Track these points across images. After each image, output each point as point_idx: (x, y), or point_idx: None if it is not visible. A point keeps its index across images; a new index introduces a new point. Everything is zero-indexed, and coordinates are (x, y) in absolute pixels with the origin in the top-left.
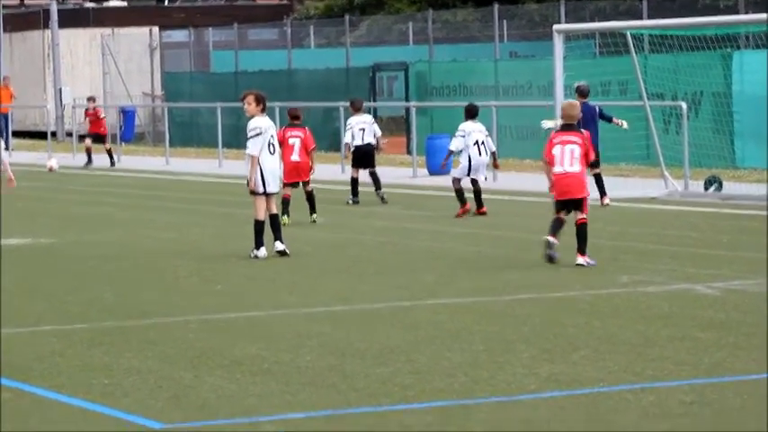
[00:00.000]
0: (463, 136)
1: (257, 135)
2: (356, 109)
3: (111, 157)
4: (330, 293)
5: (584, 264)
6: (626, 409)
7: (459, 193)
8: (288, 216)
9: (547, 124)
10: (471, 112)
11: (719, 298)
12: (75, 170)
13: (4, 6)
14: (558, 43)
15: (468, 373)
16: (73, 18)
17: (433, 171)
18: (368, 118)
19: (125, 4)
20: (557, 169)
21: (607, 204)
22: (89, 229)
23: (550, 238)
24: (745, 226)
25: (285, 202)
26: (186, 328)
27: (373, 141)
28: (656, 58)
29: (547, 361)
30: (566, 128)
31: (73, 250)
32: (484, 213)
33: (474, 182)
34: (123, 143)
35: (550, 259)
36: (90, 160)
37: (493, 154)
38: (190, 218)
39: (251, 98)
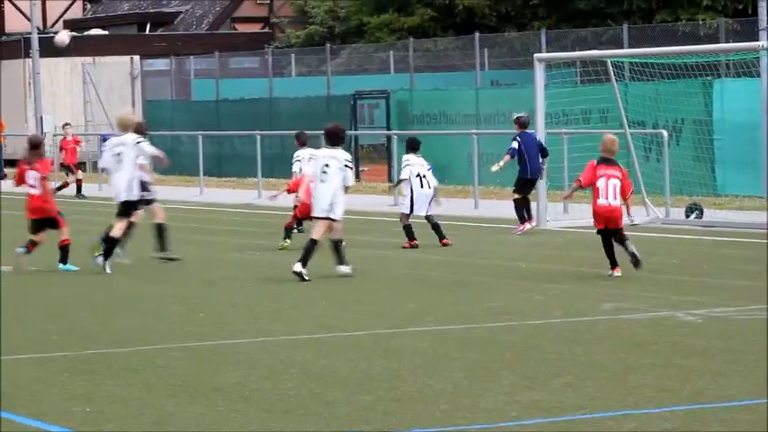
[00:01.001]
0: (409, 165)
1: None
2: (301, 143)
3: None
4: (312, 321)
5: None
6: None
7: (408, 228)
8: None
9: (494, 168)
10: (412, 146)
11: (701, 325)
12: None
13: None
14: (540, 72)
15: (450, 400)
16: (54, 47)
17: None
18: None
19: (106, 32)
20: (601, 201)
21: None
22: (70, 257)
23: (615, 273)
24: (727, 253)
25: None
26: (168, 356)
27: None
28: (637, 86)
29: (528, 388)
30: (607, 161)
31: (54, 278)
32: (447, 245)
33: (427, 218)
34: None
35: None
36: (80, 191)
37: (435, 189)
38: (171, 245)
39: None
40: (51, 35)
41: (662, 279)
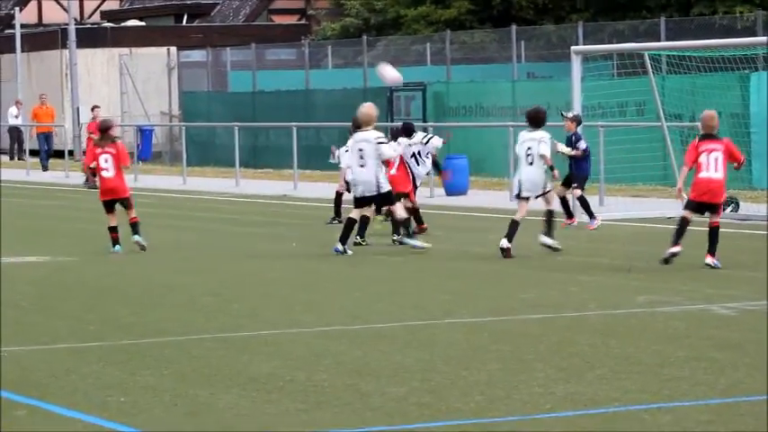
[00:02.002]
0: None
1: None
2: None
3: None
4: (346, 312)
5: (712, 264)
6: (642, 428)
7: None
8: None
9: (564, 150)
10: (408, 131)
11: (736, 318)
12: (87, 189)
13: (22, 26)
14: (576, 64)
15: (485, 392)
16: (91, 38)
17: (451, 191)
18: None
19: (143, 23)
20: (702, 174)
21: (596, 227)
22: (105, 247)
23: (675, 249)
24: (762, 247)
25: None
26: (202, 346)
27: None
28: (674, 79)
29: (563, 380)
30: (708, 137)
31: (90, 268)
32: (424, 230)
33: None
34: (140, 162)
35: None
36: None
37: (435, 161)
38: (206, 237)
39: None
40: (89, 26)
41: (697, 272)
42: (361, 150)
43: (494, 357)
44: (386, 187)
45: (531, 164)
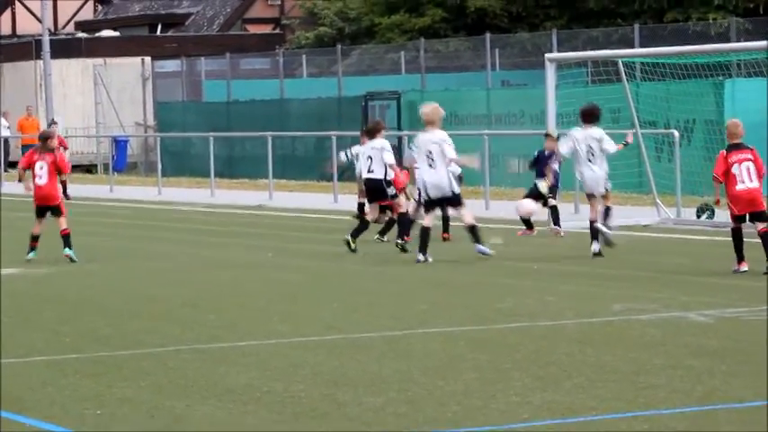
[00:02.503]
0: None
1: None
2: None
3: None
4: (323, 323)
5: None
6: None
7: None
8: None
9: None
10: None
11: (712, 325)
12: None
13: None
14: (551, 72)
15: (462, 401)
16: (65, 48)
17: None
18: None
19: (117, 34)
20: (739, 187)
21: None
22: (82, 258)
23: (744, 267)
24: None
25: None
26: (179, 358)
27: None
28: (649, 86)
29: (540, 389)
30: (736, 147)
31: (65, 280)
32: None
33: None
34: (116, 173)
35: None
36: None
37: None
38: (182, 247)
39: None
40: (63, 37)
41: (673, 279)
42: (429, 152)
43: (471, 367)
44: (457, 188)
45: (592, 162)
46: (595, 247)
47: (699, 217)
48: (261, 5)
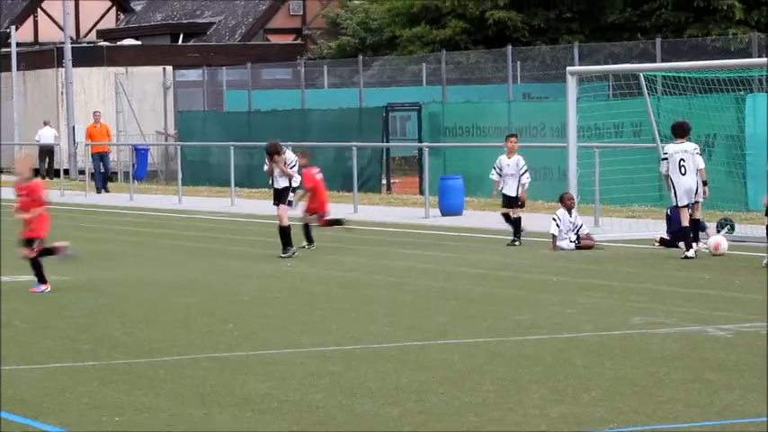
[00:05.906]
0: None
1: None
2: None
3: None
4: (341, 333)
5: None
6: None
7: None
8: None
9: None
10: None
11: (731, 340)
12: (87, 207)
13: (18, 44)
14: (572, 85)
15: (479, 413)
16: (87, 57)
17: (446, 212)
18: None
19: (139, 43)
20: None
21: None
22: (101, 266)
23: None
24: (758, 268)
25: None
26: (197, 366)
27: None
28: (670, 100)
29: (558, 402)
30: None
31: (85, 288)
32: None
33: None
34: (136, 181)
35: None
36: None
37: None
38: (202, 256)
39: None
40: (85, 45)
41: (692, 293)
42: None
43: (489, 379)
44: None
45: (685, 174)
46: (691, 252)
47: (719, 231)
48: (283, 15)
